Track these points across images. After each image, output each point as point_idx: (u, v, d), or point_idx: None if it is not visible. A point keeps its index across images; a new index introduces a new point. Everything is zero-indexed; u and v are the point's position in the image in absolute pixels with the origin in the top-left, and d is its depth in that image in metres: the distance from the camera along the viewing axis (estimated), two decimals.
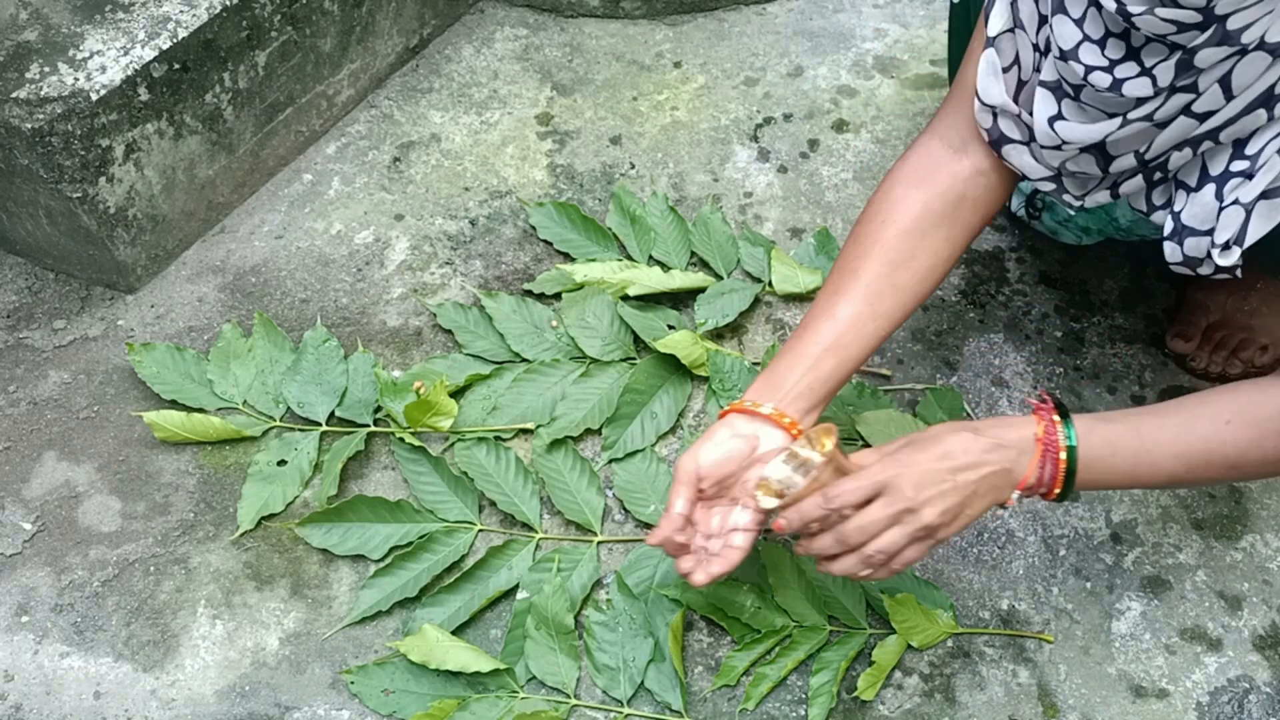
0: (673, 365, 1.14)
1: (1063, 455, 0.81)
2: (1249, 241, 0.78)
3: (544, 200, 1.31)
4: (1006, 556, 1.05)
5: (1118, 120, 0.77)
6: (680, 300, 1.23)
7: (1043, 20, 0.81)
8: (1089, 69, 0.76)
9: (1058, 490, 0.82)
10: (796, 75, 1.46)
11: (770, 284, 1.23)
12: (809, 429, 0.87)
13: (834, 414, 1.11)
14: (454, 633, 0.99)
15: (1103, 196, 0.86)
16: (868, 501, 0.80)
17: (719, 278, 1.24)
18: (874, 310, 0.88)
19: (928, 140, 0.93)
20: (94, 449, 1.12)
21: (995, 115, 0.87)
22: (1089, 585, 1.03)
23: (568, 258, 1.27)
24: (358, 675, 0.97)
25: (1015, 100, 0.85)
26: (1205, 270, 0.82)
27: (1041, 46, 0.83)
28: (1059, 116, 0.81)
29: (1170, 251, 0.82)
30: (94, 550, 1.05)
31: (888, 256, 0.89)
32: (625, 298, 1.20)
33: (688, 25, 1.53)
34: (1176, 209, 0.82)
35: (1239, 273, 0.81)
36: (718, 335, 1.19)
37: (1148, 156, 0.80)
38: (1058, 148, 0.83)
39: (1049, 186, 0.88)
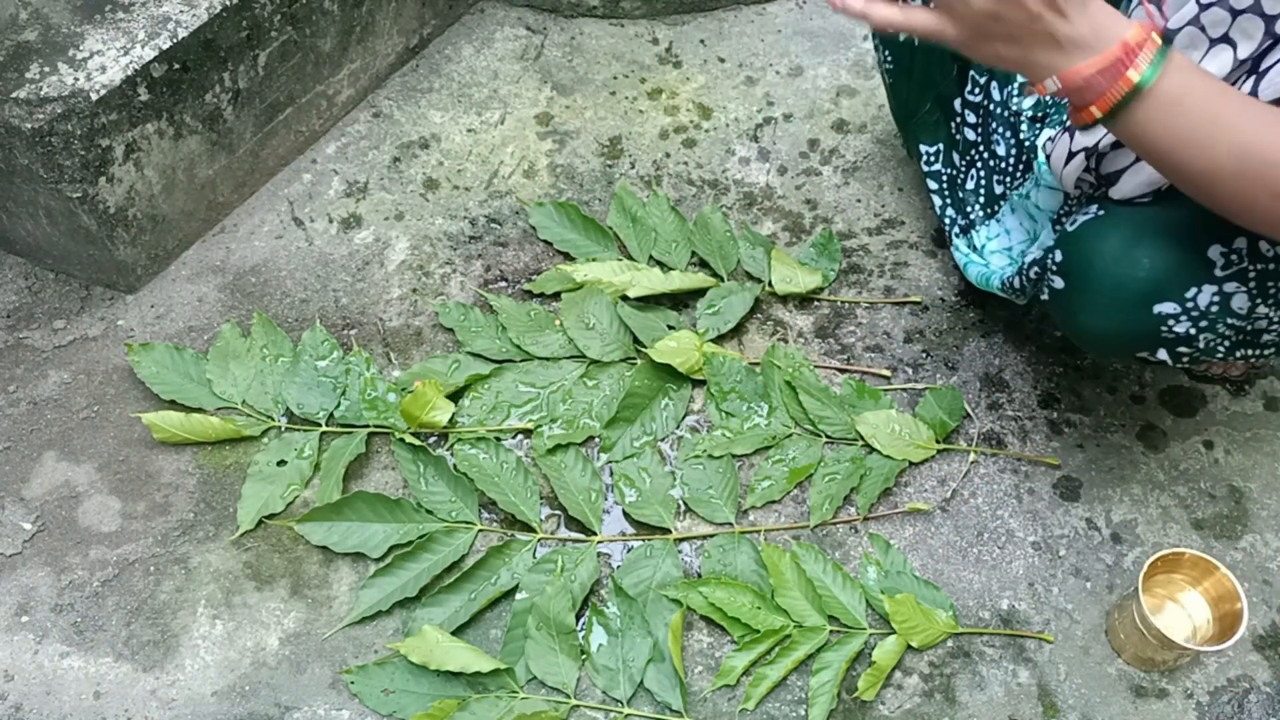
0: (672, 367, 1.14)
1: (1132, 75, 0.69)
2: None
3: (544, 200, 1.31)
4: (1006, 556, 1.05)
5: None
6: (680, 300, 1.23)
7: None
8: None
9: (1095, 111, 0.71)
10: (796, 75, 1.46)
11: (770, 284, 1.23)
12: None
13: (834, 414, 1.11)
14: (454, 633, 0.99)
15: None
16: None
17: (719, 278, 1.24)
18: None
19: None
20: (94, 449, 1.12)
21: None
22: (1089, 585, 1.03)
23: (568, 258, 1.27)
24: (358, 675, 0.97)
25: None
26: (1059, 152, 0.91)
27: None
28: None
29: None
30: (94, 550, 1.05)
31: None
32: (624, 298, 1.20)
33: (688, 25, 1.53)
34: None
35: (1094, 170, 0.88)
36: (718, 337, 1.19)
37: None
38: None
39: None
